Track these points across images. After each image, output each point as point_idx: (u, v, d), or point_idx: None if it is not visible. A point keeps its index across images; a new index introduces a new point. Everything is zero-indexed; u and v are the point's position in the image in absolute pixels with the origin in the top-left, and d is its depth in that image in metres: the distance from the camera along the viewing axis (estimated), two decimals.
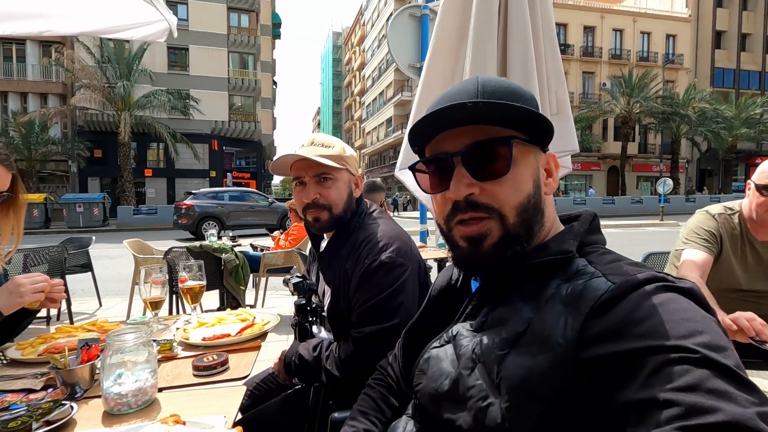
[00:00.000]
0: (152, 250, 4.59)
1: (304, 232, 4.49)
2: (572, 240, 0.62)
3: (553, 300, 0.55)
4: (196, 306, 1.48)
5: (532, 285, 0.60)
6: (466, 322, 0.66)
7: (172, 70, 25.46)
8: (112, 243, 8.73)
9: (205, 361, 1.02)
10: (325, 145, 1.23)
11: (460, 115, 0.61)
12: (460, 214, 0.62)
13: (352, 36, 61.99)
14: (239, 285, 3.70)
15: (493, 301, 0.63)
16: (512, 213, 0.60)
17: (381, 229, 1.21)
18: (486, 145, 0.61)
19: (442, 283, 0.78)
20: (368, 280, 1.12)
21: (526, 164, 0.62)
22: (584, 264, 0.58)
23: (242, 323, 1.33)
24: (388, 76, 40.09)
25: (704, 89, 28.71)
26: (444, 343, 0.67)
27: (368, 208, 1.32)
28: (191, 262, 1.48)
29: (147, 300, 1.39)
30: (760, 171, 1.59)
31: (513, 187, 0.60)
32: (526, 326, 0.55)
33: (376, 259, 1.12)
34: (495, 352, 0.56)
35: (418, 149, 0.71)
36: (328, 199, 1.21)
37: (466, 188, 0.61)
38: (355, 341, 1.11)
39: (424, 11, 3.72)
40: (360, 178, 1.32)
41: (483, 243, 0.61)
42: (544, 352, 0.52)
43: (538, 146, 0.64)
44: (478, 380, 0.57)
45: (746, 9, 32.52)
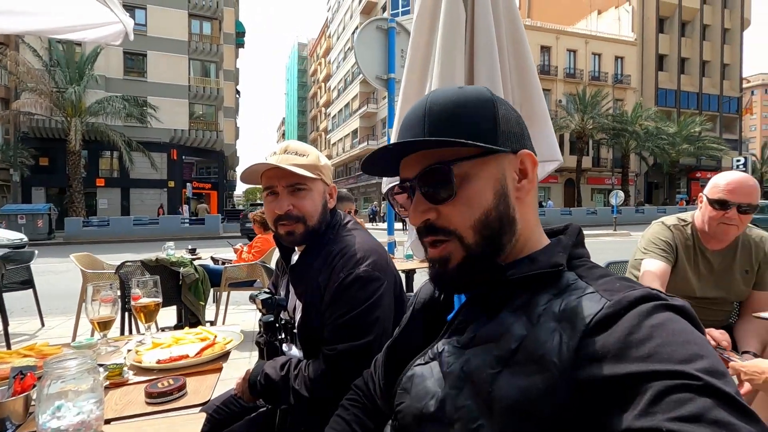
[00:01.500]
0: (103, 265, 4.29)
1: (269, 244, 4.36)
2: (561, 253, 0.60)
3: (546, 316, 0.53)
4: (151, 325, 1.37)
5: (521, 299, 0.58)
6: (452, 337, 0.63)
7: (129, 75, 24.45)
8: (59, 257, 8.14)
9: (160, 386, 0.93)
10: (300, 153, 1.17)
11: (410, 146, 0.61)
12: (423, 238, 0.63)
13: (317, 47, 62.07)
14: (199, 300, 3.51)
15: (481, 316, 0.61)
16: (469, 233, 0.60)
17: (356, 241, 1.16)
18: (430, 172, 0.61)
19: (426, 297, 0.76)
20: (342, 294, 1.07)
21: (481, 177, 0.60)
22: (574, 278, 0.57)
23: (202, 343, 1.24)
24: (353, 88, 40.32)
25: (650, 108, 30.81)
26: (428, 360, 0.64)
27: (342, 220, 1.27)
28: (146, 277, 1.38)
29: (94, 320, 1.27)
30: (711, 185, 1.67)
31: (466, 206, 0.60)
32: (519, 343, 0.53)
33: (351, 273, 1.08)
34: (486, 370, 0.54)
35: (392, 174, 0.71)
36: (303, 211, 1.15)
37: (421, 215, 0.62)
38: (326, 359, 1.05)
39: (391, 24, 3.75)
40: (335, 189, 1.27)
41: (447, 265, 0.61)
42: (539, 372, 0.50)
43: (501, 152, 0.62)
44: (467, 401, 0.54)
45: (684, 35, 35.34)
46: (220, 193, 28.67)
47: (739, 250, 1.75)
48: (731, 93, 36.87)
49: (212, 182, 28.42)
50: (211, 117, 27.53)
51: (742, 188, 1.60)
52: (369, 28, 3.80)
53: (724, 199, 1.60)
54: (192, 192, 23.99)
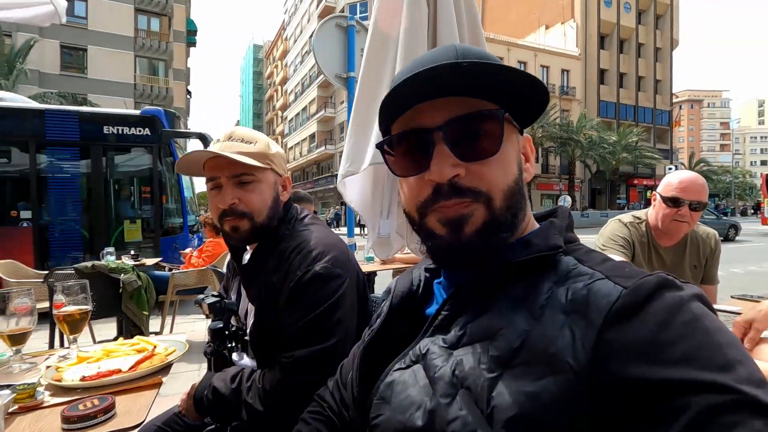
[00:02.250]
0: (30, 274, 3.87)
1: (221, 248, 4.11)
2: (557, 235, 0.54)
3: (551, 308, 0.46)
4: (76, 337, 1.19)
5: (517, 289, 0.50)
6: (436, 336, 0.54)
7: (67, 71, 22.65)
8: None
9: (81, 408, 0.78)
10: (246, 140, 1.05)
11: (439, 83, 0.51)
12: (443, 200, 0.52)
13: (273, 50, 60.90)
14: (141, 310, 3.23)
15: (471, 309, 0.52)
16: (500, 197, 0.52)
17: (314, 236, 1.06)
18: (472, 119, 0.52)
19: (403, 290, 0.66)
20: (300, 294, 0.96)
21: (511, 144, 0.55)
22: (574, 263, 0.50)
23: (138, 355, 1.08)
24: (311, 92, 39.84)
25: (593, 119, 32.76)
26: (410, 364, 0.54)
27: (298, 214, 1.16)
28: (71, 282, 1.20)
29: (4, 333, 1.08)
30: (665, 183, 1.73)
31: (502, 169, 0.53)
32: (522, 341, 0.45)
33: (308, 270, 0.97)
34: (483, 374, 0.45)
35: (384, 126, 0.60)
36: (249, 206, 1.04)
37: (451, 169, 0.51)
38: (283, 368, 0.93)
39: (351, 22, 3.67)
40: (288, 180, 1.16)
41: (464, 228, 0.51)
42: (550, 375, 0.42)
43: (518, 127, 0.57)
44: (461, 411, 0.45)
45: (622, 52, 37.98)
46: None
47: (688, 246, 1.83)
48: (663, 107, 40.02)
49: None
50: None
51: (694, 186, 1.66)
52: (328, 25, 3.69)
53: (677, 196, 1.66)
54: None
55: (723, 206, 39.74)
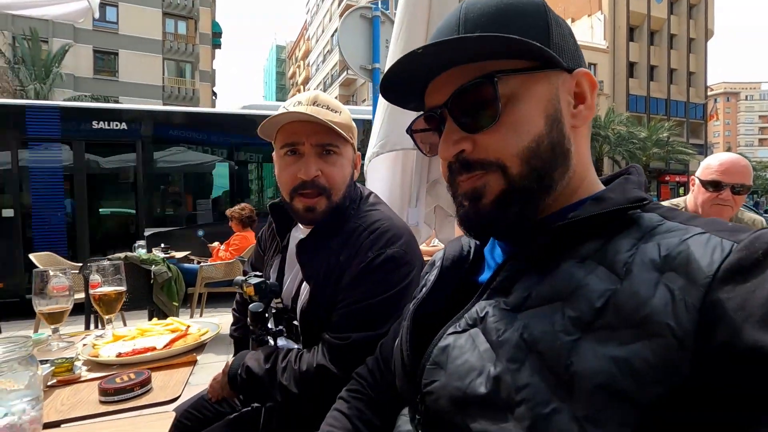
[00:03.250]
0: (67, 265, 4.00)
1: (247, 241, 4.15)
2: (636, 189, 0.48)
3: (639, 265, 0.40)
4: (112, 318, 1.19)
5: (588, 247, 0.45)
6: (494, 299, 0.49)
7: (99, 75, 23.54)
8: None
9: (117, 381, 0.77)
10: (332, 108, 0.95)
11: (441, 56, 0.49)
12: (457, 177, 0.52)
13: (296, 50, 61.62)
14: (172, 301, 3.30)
15: (534, 270, 0.48)
16: (515, 162, 0.48)
17: (385, 217, 0.98)
18: (469, 90, 0.49)
19: (454, 254, 0.62)
20: (368, 276, 0.90)
21: (531, 97, 0.49)
22: (660, 219, 0.44)
23: (172, 334, 1.07)
24: (333, 91, 40.09)
25: (621, 113, 31.74)
26: (466, 328, 0.50)
27: (364, 192, 1.08)
28: (106, 263, 1.20)
29: (43, 312, 1.09)
30: (704, 167, 1.64)
31: (512, 132, 0.48)
32: (606, 300, 0.40)
33: (382, 253, 0.90)
34: (559, 337, 0.40)
35: (414, 106, 0.59)
36: (330, 180, 0.95)
37: (453, 146, 0.51)
38: (333, 349, 0.87)
39: (375, 13, 3.63)
40: (359, 157, 1.07)
41: (480, 200, 0.50)
42: (644, 338, 0.36)
43: (555, 69, 0.50)
44: (532, 377, 0.40)
45: (653, 44, 36.66)
46: None
47: None
48: (697, 100, 38.41)
49: None
50: None
51: (735, 168, 1.57)
52: (353, 16, 3.67)
53: (717, 179, 1.57)
54: None
55: (763, 203, 37.81)
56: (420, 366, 0.53)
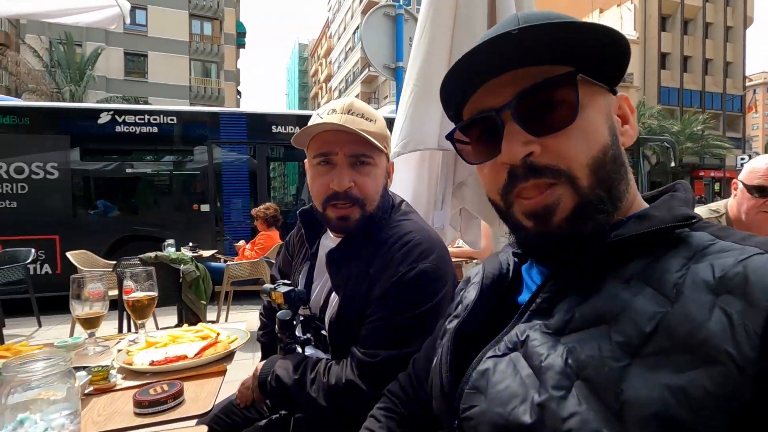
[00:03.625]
0: (101, 263, 4.15)
1: (272, 240, 4.20)
2: (684, 207, 0.46)
3: (691, 287, 0.38)
4: (144, 323, 1.21)
5: (632, 268, 0.43)
6: (533, 321, 0.47)
7: (130, 76, 24.32)
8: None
9: (152, 393, 0.78)
10: (367, 116, 0.92)
11: (499, 58, 0.46)
12: (520, 183, 0.48)
13: (318, 48, 62.05)
14: (200, 299, 3.37)
15: (576, 291, 0.45)
16: (584, 173, 0.46)
17: (418, 229, 0.95)
18: (540, 89, 0.46)
19: (494, 273, 0.59)
20: (399, 291, 0.87)
21: (595, 107, 0.48)
22: (711, 239, 0.42)
23: (203, 341, 1.08)
24: (355, 88, 40.18)
25: (652, 106, 30.59)
26: (506, 351, 0.48)
27: (395, 201, 1.04)
28: (139, 269, 1.22)
29: (80, 317, 1.12)
30: (749, 171, 1.53)
31: (583, 138, 0.46)
32: (656, 325, 0.38)
33: (413, 268, 0.87)
34: (607, 363, 0.38)
35: (454, 114, 0.57)
36: (363, 191, 0.92)
37: (522, 147, 0.47)
38: (362, 365, 0.85)
39: (399, 11, 3.60)
40: (392, 166, 1.05)
41: (552, 218, 0.46)
42: (701, 365, 0.34)
43: (605, 86, 0.50)
44: (579, 405, 0.39)
45: (686, 33, 35.13)
46: None
47: None
48: (734, 91, 36.63)
49: None
50: None
51: None
52: (376, 15, 3.64)
53: (765, 185, 1.46)
54: None
55: None
56: (458, 389, 0.51)
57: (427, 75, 1.93)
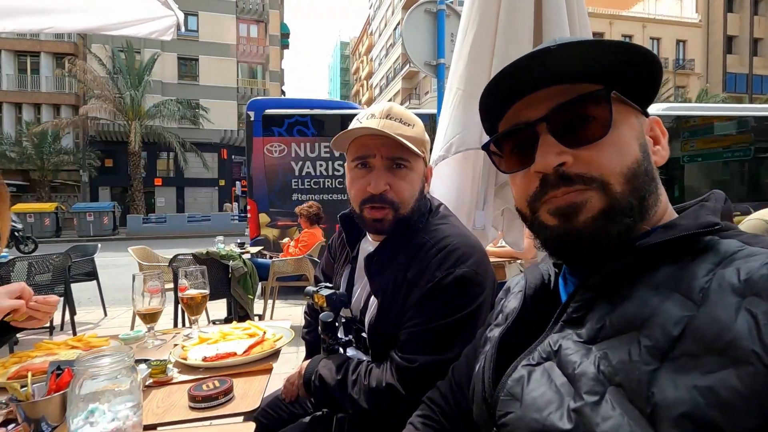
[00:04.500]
0: (158, 258, 4.43)
1: (315, 238, 4.31)
2: (711, 215, 0.46)
3: (719, 290, 0.39)
4: (197, 318, 1.29)
5: (660, 274, 0.44)
6: (566, 331, 0.48)
7: (183, 80, 25.70)
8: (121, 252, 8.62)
9: (204, 389, 0.83)
10: (405, 121, 0.95)
11: (536, 74, 0.49)
12: (551, 191, 0.49)
13: (359, 45, 62.52)
14: (247, 294, 3.52)
15: (605, 300, 0.46)
16: (618, 180, 0.47)
17: (455, 233, 0.95)
18: (576, 104, 0.49)
19: (537, 282, 0.61)
20: (437, 297, 0.88)
21: (628, 125, 0.50)
22: (739, 245, 0.42)
23: (250, 339, 1.14)
24: (396, 85, 40.17)
25: (717, 94, 28.29)
26: (540, 361, 0.49)
27: (433, 205, 1.05)
28: (192, 267, 1.30)
29: (141, 312, 1.21)
30: None
31: (616, 150, 0.48)
32: (683, 328, 0.39)
33: (451, 273, 0.87)
34: (638, 368, 0.39)
35: (489, 126, 0.60)
36: (399, 194, 0.94)
37: (556, 157, 0.48)
38: (400, 371, 0.87)
39: (440, 6, 3.55)
40: (431, 170, 1.06)
41: (578, 216, 0.48)
42: (729, 366, 0.35)
43: (637, 107, 0.52)
44: (614, 410, 0.40)
45: (757, 14, 32.12)
46: None
47: None
48: None
49: None
50: None
51: None
52: (417, 11, 3.61)
53: None
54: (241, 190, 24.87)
55: None
56: (495, 396, 0.53)
57: (471, 77, 1.90)
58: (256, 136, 6.20)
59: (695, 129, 7.12)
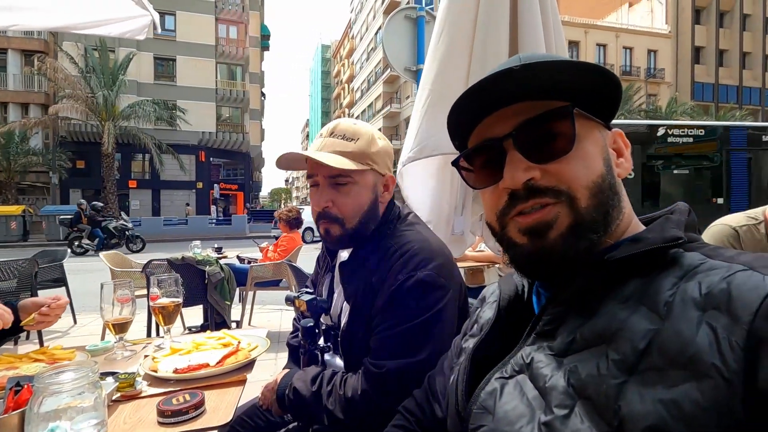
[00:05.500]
0: (131, 263, 4.31)
1: (295, 242, 4.26)
2: (675, 228, 0.47)
3: (682, 304, 0.40)
4: (170, 328, 1.25)
5: (628, 288, 0.45)
6: (538, 344, 0.49)
7: (159, 80, 25.13)
8: (92, 257, 8.34)
9: (174, 402, 0.80)
10: (348, 136, 0.98)
11: (503, 90, 0.50)
12: (520, 204, 0.50)
13: (341, 49, 62.48)
14: (224, 300, 3.44)
15: (576, 313, 0.47)
16: (585, 194, 0.48)
17: (419, 238, 0.98)
18: (541, 120, 0.50)
19: (511, 294, 0.61)
20: (399, 300, 0.90)
21: (591, 140, 0.51)
22: (702, 258, 0.43)
23: (224, 349, 1.11)
24: (377, 89, 40.27)
25: (685, 102, 29.41)
26: (513, 374, 0.50)
27: (402, 212, 1.08)
28: (165, 275, 1.26)
29: (109, 322, 1.17)
30: None
31: (582, 164, 0.49)
32: (649, 341, 0.39)
33: (412, 276, 0.90)
34: (606, 381, 0.40)
35: (458, 143, 0.61)
36: (342, 210, 0.97)
37: (524, 173, 0.50)
38: (370, 378, 0.88)
39: (420, 12, 3.58)
40: (392, 179, 1.07)
41: (548, 233, 0.48)
42: (692, 379, 0.36)
43: (600, 121, 0.53)
44: (582, 424, 0.40)
45: (722, 26, 33.61)
46: (246, 194, 29.12)
47: None
48: None
49: (239, 183, 28.91)
50: (237, 119, 27.98)
51: None
52: (397, 17, 3.63)
53: None
54: (219, 193, 24.43)
55: None
56: (467, 409, 0.53)
57: (443, 80, 1.90)
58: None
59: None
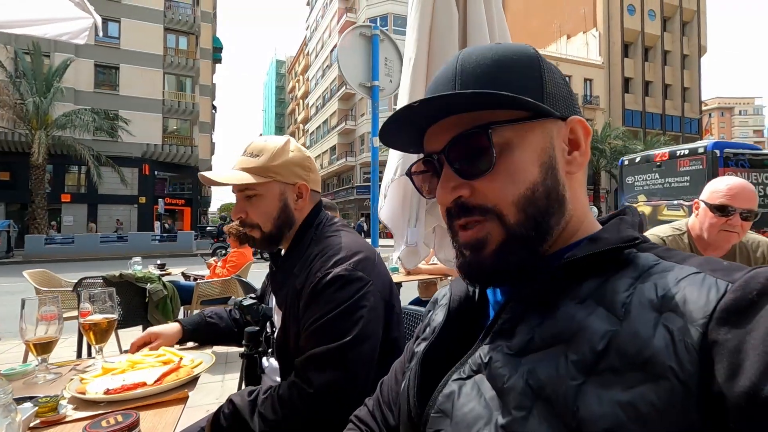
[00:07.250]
0: (61, 282, 3.95)
1: (245, 258, 4.11)
2: (630, 229, 0.49)
3: (637, 305, 0.40)
4: (102, 347, 1.15)
5: (586, 288, 0.45)
6: (497, 343, 0.48)
7: (100, 89, 23.69)
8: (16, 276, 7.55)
9: (104, 425, 0.72)
10: (254, 154, 1.09)
11: (433, 108, 0.50)
12: (455, 220, 0.52)
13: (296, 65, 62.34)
14: (167, 319, 3.23)
15: (535, 312, 0.47)
16: (511, 210, 0.48)
17: (340, 241, 1.04)
18: (466, 137, 0.49)
19: (461, 295, 0.60)
20: (318, 296, 0.94)
21: (526, 146, 0.49)
22: (656, 259, 0.45)
23: (164, 367, 1.03)
24: (332, 105, 40.41)
25: (618, 127, 32.02)
26: (471, 374, 0.49)
27: (328, 219, 1.15)
28: (98, 290, 1.17)
29: (30, 342, 1.05)
30: (710, 190, 1.59)
31: (508, 180, 0.49)
32: (607, 343, 0.40)
33: (328, 273, 0.95)
34: (564, 382, 0.40)
35: (414, 149, 0.60)
36: (254, 218, 1.09)
37: (452, 192, 0.51)
38: (297, 369, 0.91)
39: (375, 31, 3.66)
40: (304, 186, 1.13)
41: (483, 249, 0.49)
42: (649, 381, 0.36)
43: (549, 117, 0.51)
44: (540, 425, 0.40)
45: (647, 60, 37.22)
46: (194, 210, 27.79)
47: (737, 257, 1.68)
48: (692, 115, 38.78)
49: (186, 198, 27.56)
50: (185, 132, 26.87)
51: (744, 193, 1.53)
52: (352, 34, 3.69)
53: (726, 204, 1.52)
54: (164, 208, 23.14)
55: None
56: (424, 414, 0.51)
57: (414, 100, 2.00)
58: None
59: None
